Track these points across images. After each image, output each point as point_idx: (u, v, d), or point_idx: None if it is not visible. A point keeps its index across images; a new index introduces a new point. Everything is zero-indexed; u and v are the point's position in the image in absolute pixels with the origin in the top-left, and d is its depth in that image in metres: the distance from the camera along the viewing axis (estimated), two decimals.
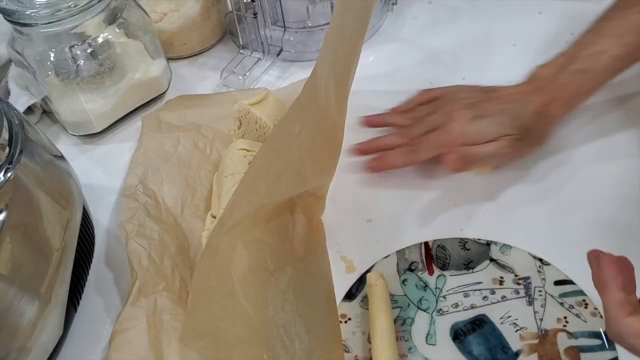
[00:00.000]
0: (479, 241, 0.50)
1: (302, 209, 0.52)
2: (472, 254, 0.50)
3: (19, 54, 0.61)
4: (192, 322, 0.46)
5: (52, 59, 0.60)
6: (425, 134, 0.55)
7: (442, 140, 0.54)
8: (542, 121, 0.53)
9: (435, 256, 0.50)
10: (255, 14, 0.67)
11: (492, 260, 0.50)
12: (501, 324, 0.46)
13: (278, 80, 0.71)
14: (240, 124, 0.58)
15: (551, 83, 0.54)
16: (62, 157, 0.51)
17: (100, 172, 0.63)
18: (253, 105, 0.57)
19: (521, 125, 0.52)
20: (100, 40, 0.62)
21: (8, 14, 0.57)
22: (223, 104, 0.65)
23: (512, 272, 0.49)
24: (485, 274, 0.49)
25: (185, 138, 0.63)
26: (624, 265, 0.39)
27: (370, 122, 0.61)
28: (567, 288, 0.47)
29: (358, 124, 0.61)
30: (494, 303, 0.47)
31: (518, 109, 0.53)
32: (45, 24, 0.57)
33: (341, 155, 0.59)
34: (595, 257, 0.39)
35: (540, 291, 0.47)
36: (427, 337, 0.46)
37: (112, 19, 0.62)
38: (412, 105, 0.60)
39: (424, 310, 0.48)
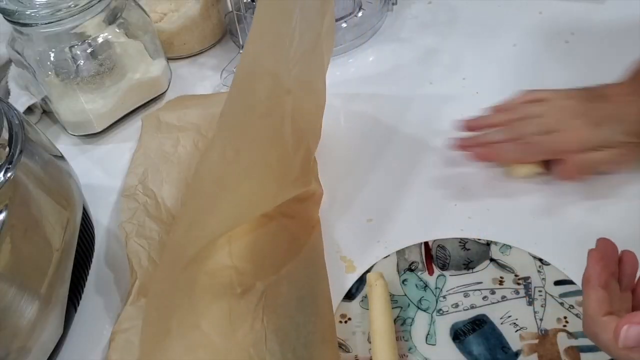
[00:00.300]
0: (479, 241, 0.50)
1: (290, 214, 0.52)
2: (472, 254, 0.50)
3: (19, 54, 0.61)
4: None
5: (52, 59, 0.60)
6: (535, 135, 0.54)
7: (556, 148, 0.53)
8: None
9: (435, 256, 0.50)
10: None
11: (492, 260, 0.50)
12: (501, 324, 0.46)
13: None
14: None
15: None
16: (62, 157, 0.51)
17: (100, 172, 0.63)
18: None
19: (633, 130, 0.51)
20: (100, 40, 0.62)
21: (8, 14, 0.57)
22: (223, 104, 0.65)
23: (512, 272, 0.49)
24: (485, 274, 0.49)
25: (185, 138, 0.63)
26: (627, 261, 0.40)
27: (471, 126, 0.57)
28: (567, 288, 0.47)
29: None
30: (494, 303, 0.47)
31: (629, 112, 0.51)
32: (45, 24, 0.57)
33: (339, 156, 0.59)
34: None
35: (540, 291, 0.47)
36: (427, 337, 0.46)
37: (112, 19, 0.62)
38: (515, 104, 0.57)
39: (424, 310, 0.48)
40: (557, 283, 0.47)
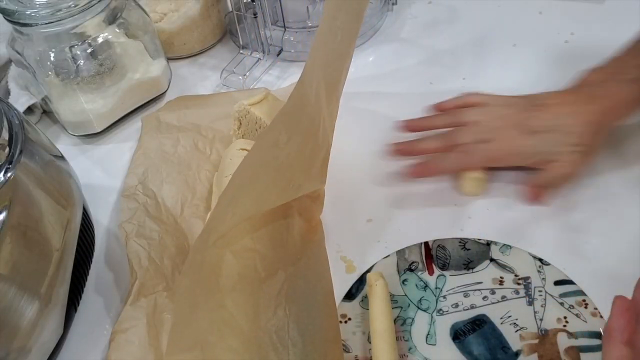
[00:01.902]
0: (479, 241, 0.50)
1: (298, 211, 0.52)
2: (472, 254, 0.50)
3: (19, 54, 0.61)
4: (177, 337, 0.45)
5: (52, 59, 0.60)
6: (471, 144, 0.54)
7: (494, 156, 0.54)
8: (595, 131, 0.51)
9: (435, 256, 0.50)
10: (255, 14, 0.67)
11: (492, 260, 0.50)
12: (501, 324, 0.46)
13: (278, 80, 0.71)
14: (240, 124, 0.58)
15: (601, 91, 0.51)
16: (62, 157, 0.51)
17: (100, 172, 0.63)
18: (253, 105, 0.57)
19: (575, 141, 0.51)
20: (100, 40, 0.62)
21: (8, 14, 0.57)
22: (223, 104, 0.65)
23: (512, 272, 0.49)
24: (485, 274, 0.49)
25: (185, 138, 0.63)
26: None
27: (411, 127, 0.58)
28: (567, 288, 0.47)
29: (391, 127, 0.59)
30: (494, 303, 0.47)
31: (570, 124, 0.51)
32: (45, 24, 0.57)
33: (340, 155, 0.59)
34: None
35: (540, 291, 0.47)
36: (427, 337, 0.46)
37: (112, 19, 0.62)
38: (452, 106, 0.58)
39: (424, 310, 0.48)
40: (557, 283, 0.47)
